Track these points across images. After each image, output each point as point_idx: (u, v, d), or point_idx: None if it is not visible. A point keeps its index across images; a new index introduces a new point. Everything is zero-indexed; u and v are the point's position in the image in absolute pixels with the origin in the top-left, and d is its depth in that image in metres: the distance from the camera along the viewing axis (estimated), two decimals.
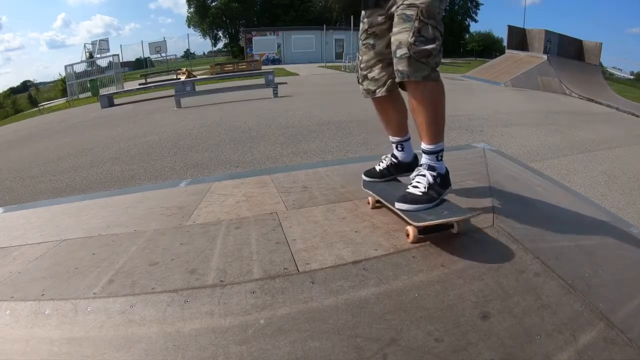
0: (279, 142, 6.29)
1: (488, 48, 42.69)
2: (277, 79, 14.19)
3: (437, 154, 1.40)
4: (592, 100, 12.34)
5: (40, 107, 17.45)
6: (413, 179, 1.43)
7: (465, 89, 13.75)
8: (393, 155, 1.71)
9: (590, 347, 0.96)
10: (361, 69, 1.56)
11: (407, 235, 1.38)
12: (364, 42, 1.52)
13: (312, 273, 1.24)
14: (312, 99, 11.47)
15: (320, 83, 16.53)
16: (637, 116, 9.96)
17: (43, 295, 1.25)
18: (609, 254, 1.51)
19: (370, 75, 1.54)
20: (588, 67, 17.53)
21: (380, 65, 1.51)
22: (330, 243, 1.43)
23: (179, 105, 10.91)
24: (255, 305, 1.12)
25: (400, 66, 1.30)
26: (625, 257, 1.51)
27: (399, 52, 1.29)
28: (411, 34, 1.25)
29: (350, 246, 1.39)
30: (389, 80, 1.50)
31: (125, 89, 17.20)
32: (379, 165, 1.73)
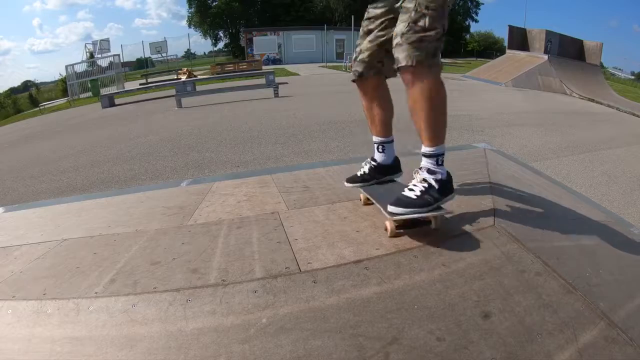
0: (280, 142, 6.29)
1: (488, 48, 42.65)
2: (277, 79, 14.16)
3: (436, 157, 1.34)
4: (592, 100, 12.34)
5: (41, 107, 17.45)
6: (411, 182, 1.39)
7: (466, 89, 13.74)
8: (372, 158, 1.69)
9: (591, 346, 0.96)
10: (356, 52, 1.57)
11: (386, 229, 1.41)
12: (364, 28, 1.53)
13: (314, 272, 1.24)
14: (313, 99, 11.47)
15: (321, 83, 16.53)
16: (637, 116, 9.95)
17: (45, 294, 1.25)
18: (609, 253, 1.52)
19: (360, 57, 1.53)
20: (589, 67, 17.51)
21: (372, 50, 1.51)
22: (331, 242, 1.43)
23: (179, 105, 10.92)
24: (257, 304, 1.12)
25: (396, 54, 1.29)
26: (626, 257, 1.51)
27: (395, 42, 1.29)
28: (406, 25, 1.26)
29: (352, 245, 1.39)
30: (378, 64, 1.51)
31: (126, 89, 17.22)
32: (361, 170, 1.70)
